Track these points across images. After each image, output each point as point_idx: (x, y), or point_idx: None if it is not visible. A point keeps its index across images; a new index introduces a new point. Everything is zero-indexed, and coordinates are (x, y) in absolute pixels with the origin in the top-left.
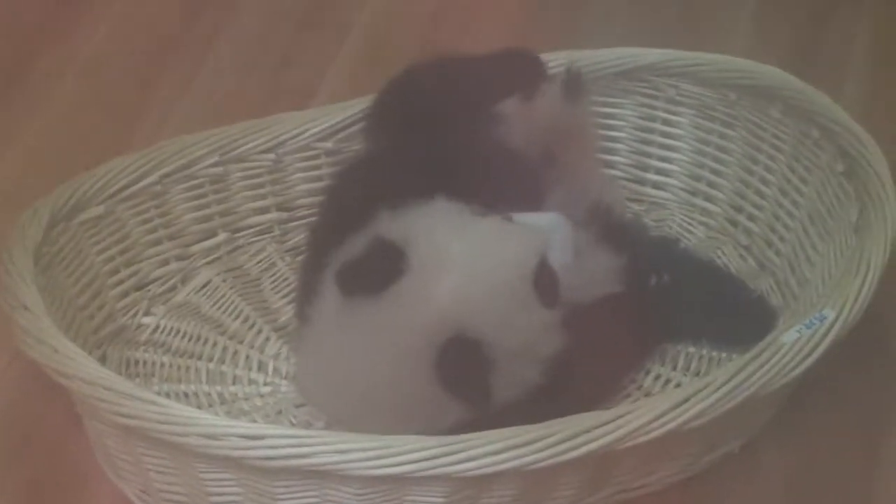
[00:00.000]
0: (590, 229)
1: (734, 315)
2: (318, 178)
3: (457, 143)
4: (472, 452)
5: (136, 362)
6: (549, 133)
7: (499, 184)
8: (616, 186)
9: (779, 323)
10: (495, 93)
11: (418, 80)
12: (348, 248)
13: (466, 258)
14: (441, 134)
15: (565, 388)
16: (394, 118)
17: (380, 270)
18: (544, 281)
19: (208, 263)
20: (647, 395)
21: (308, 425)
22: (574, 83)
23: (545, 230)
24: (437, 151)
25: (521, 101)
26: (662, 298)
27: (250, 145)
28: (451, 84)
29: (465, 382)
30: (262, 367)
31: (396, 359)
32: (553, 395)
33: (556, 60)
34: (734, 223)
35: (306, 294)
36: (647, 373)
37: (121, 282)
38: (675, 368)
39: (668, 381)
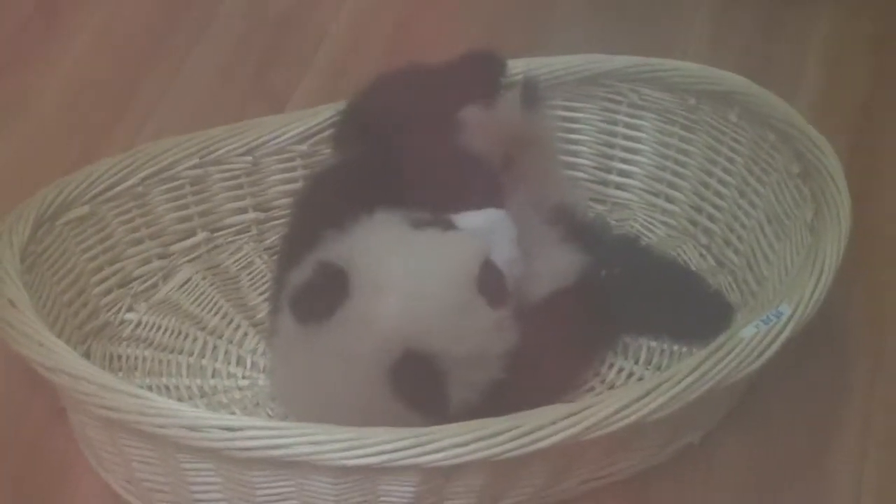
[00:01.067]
0: (554, 229)
1: (692, 309)
2: (294, 180)
3: (415, 152)
4: (440, 444)
5: (120, 357)
6: (509, 139)
7: (458, 189)
8: (578, 188)
9: (735, 317)
10: (458, 99)
11: (381, 92)
12: (301, 269)
13: (406, 274)
14: (400, 144)
15: (522, 384)
16: (356, 130)
17: (325, 296)
18: (489, 283)
19: (189, 262)
20: (611, 388)
21: (284, 417)
22: (531, 91)
23: (485, 230)
24: (395, 161)
25: (481, 108)
26: (614, 290)
27: (229, 148)
28: (414, 94)
29: (421, 397)
30: (240, 361)
31: (352, 382)
32: (511, 392)
33: (521, 67)
34: (694, 223)
35: (273, 306)
36: (611, 366)
37: (104, 279)
38: (637, 362)
39: (631, 375)
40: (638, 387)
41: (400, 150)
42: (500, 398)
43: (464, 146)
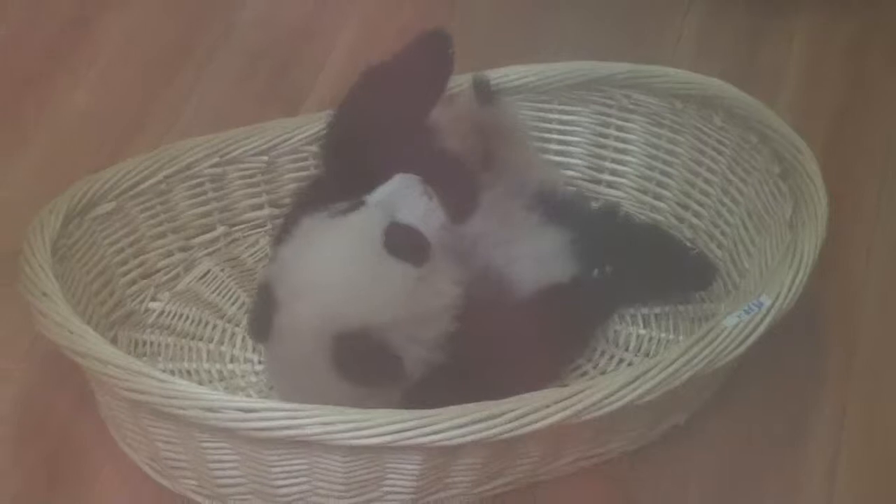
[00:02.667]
0: (536, 214)
1: (677, 270)
2: (307, 178)
3: (396, 160)
4: (442, 425)
5: (144, 343)
6: (482, 135)
7: (442, 192)
8: (553, 169)
9: (718, 274)
10: (423, 88)
11: (353, 107)
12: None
13: (316, 267)
14: (380, 154)
15: (504, 373)
16: (339, 144)
17: (260, 316)
18: (398, 243)
19: (208, 254)
20: (603, 373)
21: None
22: (482, 88)
23: (392, 196)
24: (370, 172)
25: (444, 108)
26: (606, 287)
27: (246, 148)
28: (383, 100)
29: (371, 371)
30: (256, 347)
31: (314, 383)
32: (485, 383)
33: (518, 73)
34: (681, 219)
35: None
36: (602, 353)
37: (130, 271)
38: (627, 349)
39: (620, 361)
40: (628, 372)
41: (380, 160)
42: (472, 360)
43: (441, 148)
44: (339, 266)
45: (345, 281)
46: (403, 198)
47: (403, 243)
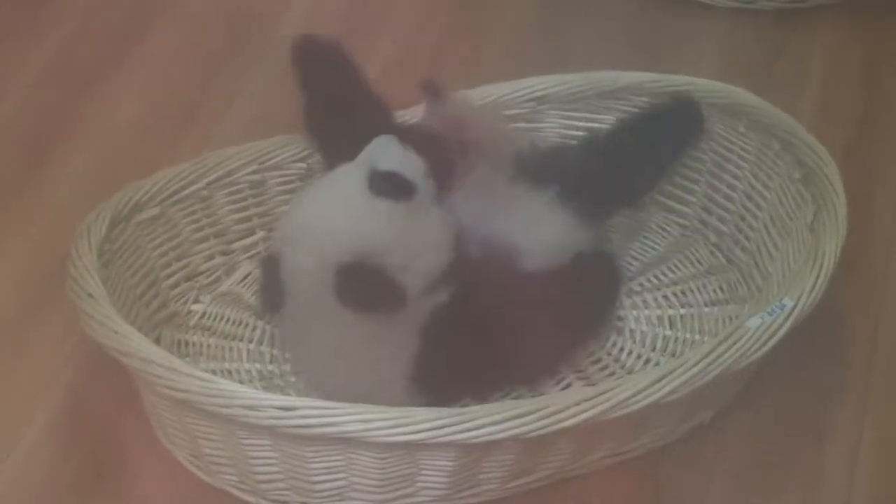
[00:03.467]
0: (520, 180)
1: (665, 129)
2: None
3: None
4: (475, 422)
5: (187, 343)
6: (448, 129)
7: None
8: (526, 133)
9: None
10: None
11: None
12: None
13: (307, 214)
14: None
15: (511, 355)
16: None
17: (271, 284)
18: (380, 183)
19: (248, 258)
20: (630, 372)
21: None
22: (430, 88)
23: (370, 153)
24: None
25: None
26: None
27: (285, 156)
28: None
29: (374, 295)
30: None
31: (324, 334)
32: (498, 363)
33: (547, 83)
34: (705, 223)
35: None
36: (630, 353)
37: (173, 274)
38: (654, 350)
39: (647, 361)
40: (654, 371)
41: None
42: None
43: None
44: (329, 209)
45: (336, 220)
46: (382, 151)
47: (386, 183)
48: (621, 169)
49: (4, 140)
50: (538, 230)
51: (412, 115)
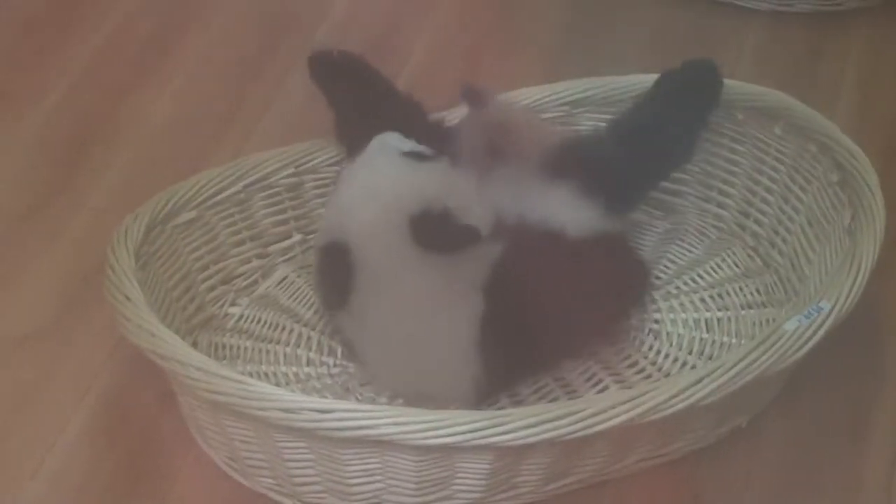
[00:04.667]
0: (544, 176)
1: (685, 94)
2: None
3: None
4: (512, 425)
5: (224, 346)
6: (483, 134)
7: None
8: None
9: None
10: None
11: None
12: None
13: (361, 188)
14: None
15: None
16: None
17: (337, 274)
18: (412, 151)
19: (285, 261)
20: (666, 375)
21: (372, 401)
22: (470, 94)
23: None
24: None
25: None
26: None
27: (321, 159)
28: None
29: (453, 234)
30: (331, 351)
31: (404, 298)
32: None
33: (582, 87)
34: (742, 226)
35: None
36: (666, 356)
37: (210, 277)
38: (690, 353)
39: (684, 364)
40: (691, 374)
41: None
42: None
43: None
44: (378, 181)
45: (390, 185)
46: (392, 142)
47: (416, 151)
48: (648, 149)
49: (43, 143)
50: (565, 219)
51: (451, 116)
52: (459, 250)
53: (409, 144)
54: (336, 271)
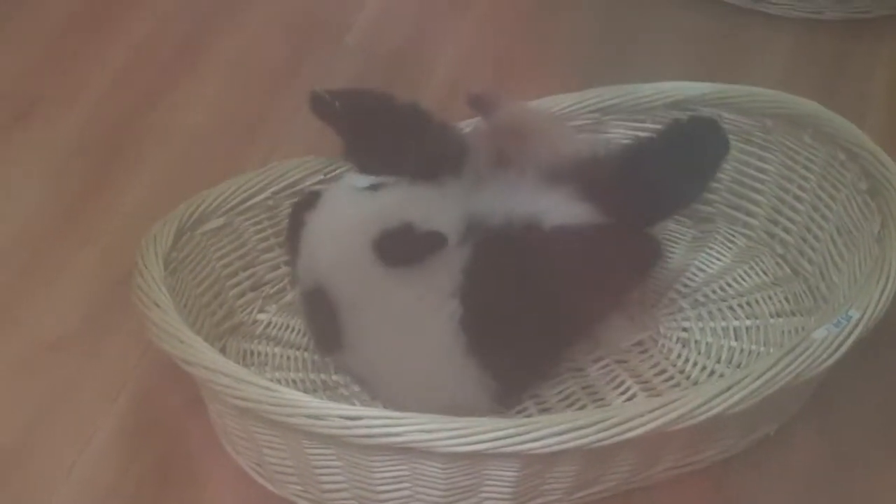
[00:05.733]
0: (547, 182)
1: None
2: None
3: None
4: (540, 433)
5: (252, 353)
6: (493, 139)
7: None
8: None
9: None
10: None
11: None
12: None
13: (326, 240)
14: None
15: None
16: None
17: (324, 321)
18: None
19: None
20: (695, 383)
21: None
22: (477, 101)
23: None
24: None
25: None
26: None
27: (349, 166)
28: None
29: (412, 243)
30: None
31: (387, 321)
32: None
33: (611, 94)
34: (771, 234)
35: None
36: (695, 364)
37: (239, 283)
38: (719, 361)
39: (712, 373)
40: (719, 383)
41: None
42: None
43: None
44: (336, 218)
45: (351, 217)
46: (348, 183)
47: (374, 183)
48: (649, 189)
49: (76, 149)
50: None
51: (466, 123)
52: (427, 256)
53: (367, 180)
54: (321, 316)
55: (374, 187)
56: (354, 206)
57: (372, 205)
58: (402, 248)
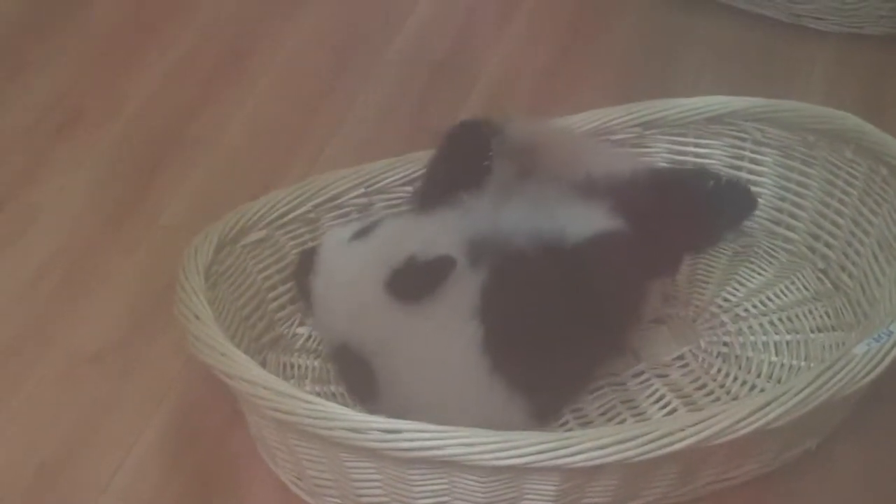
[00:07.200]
0: (568, 196)
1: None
2: None
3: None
4: (581, 447)
5: (292, 366)
6: (515, 157)
7: None
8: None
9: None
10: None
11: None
12: None
13: (335, 297)
14: None
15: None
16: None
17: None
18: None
19: None
20: (735, 398)
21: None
22: (485, 129)
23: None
24: None
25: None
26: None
27: (391, 179)
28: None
29: (421, 275)
30: None
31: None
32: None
33: (656, 108)
34: (812, 249)
35: None
36: (735, 379)
37: (279, 296)
38: (759, 376)
39: (752, 387)
40: (760, 398)
41: None
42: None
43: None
44: (339, 270)
45: (351, 268)
46: (335, 237)
47: (360, 229)
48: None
49: (115, 161)
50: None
51: None
52: (441, 282)
53: (350, 228)
54: (352, 372)
55: (359, 234)
56: (353, 257)
57: (369, 250)
58: (414, 280)
